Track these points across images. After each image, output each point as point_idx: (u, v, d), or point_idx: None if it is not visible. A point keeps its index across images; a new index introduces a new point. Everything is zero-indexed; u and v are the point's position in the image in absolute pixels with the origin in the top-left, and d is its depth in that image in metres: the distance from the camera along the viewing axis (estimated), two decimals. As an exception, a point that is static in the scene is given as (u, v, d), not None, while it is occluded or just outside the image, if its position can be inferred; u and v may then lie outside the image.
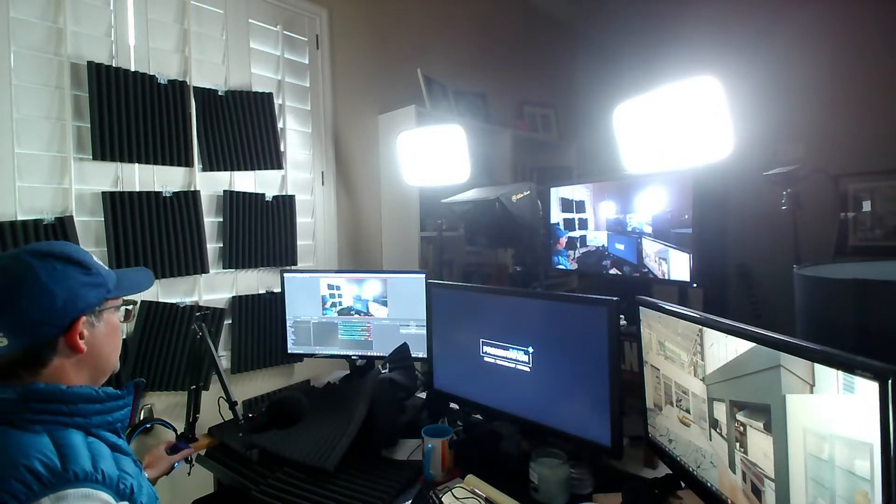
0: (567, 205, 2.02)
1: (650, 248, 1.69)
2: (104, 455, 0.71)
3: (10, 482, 0.60)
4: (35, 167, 1.53)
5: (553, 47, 3.76)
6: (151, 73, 1.75)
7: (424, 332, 1.69)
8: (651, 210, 1.68)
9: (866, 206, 2.95)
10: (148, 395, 1.71)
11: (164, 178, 1.78)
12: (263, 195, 2.06)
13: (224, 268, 1.95)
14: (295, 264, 2.15)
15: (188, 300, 1.84)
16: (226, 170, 1.95)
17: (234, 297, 1.98)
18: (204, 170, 1.89)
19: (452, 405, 1.61)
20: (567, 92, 3.81)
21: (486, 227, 1.76)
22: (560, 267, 2.05)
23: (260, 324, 2.03)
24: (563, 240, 2.02)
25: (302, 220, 2.22)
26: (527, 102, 3.46)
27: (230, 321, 1.97)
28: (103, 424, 0.76)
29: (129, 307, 0.89)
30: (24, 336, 0.72)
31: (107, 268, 0.86)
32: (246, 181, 2.03)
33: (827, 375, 0.64)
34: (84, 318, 0.77)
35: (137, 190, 1.71)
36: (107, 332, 0.82)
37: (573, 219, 2.00)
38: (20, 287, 0.72)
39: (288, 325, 1.90)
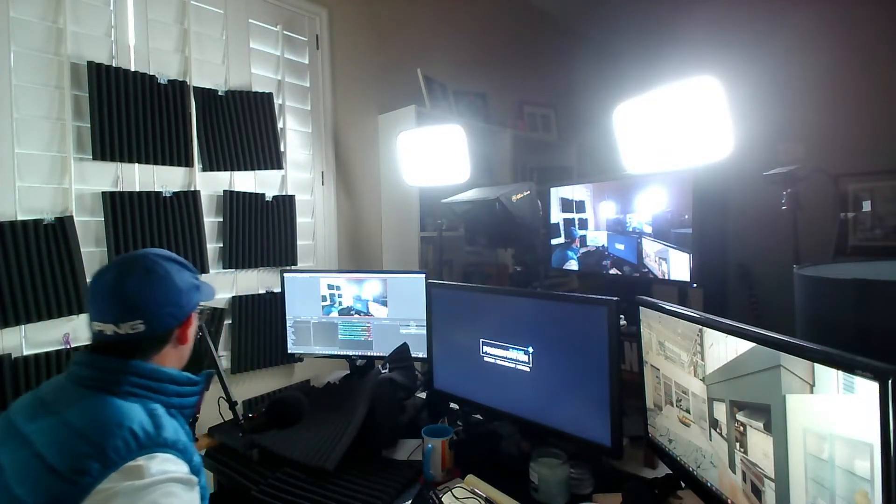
0: (567, 205, 2.02)
1: (650, 248, 1.69)
2: (181, 432, 0.80)
3: (116, 439, 0.69)
4: (35, 167, 1.53)
5: (553, 47, 3.76)
6: (151, 73, 1.75)
7: (424, 332, 1.69)
8: (651, 210, 1.68)
9: (866, 206, 2.94)
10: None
11: (164, 178, 1.78)
12: (263, 195, 2.06)
13: (224, 268, 1.95)
14: (295, 264, 2.15)
15: (188, 300, 1.84)
16: (226, 170, 1.95)
17: (234, 297, 1.98)
18: (204, 170, 1.89)
19: (452, 405, 1.61)
20: (567, 92, 3.81)
21: (486, 227, 1.76)
22: (571, 262, 2.02)
23: (260, 324, 2.03)
24: (578, 240, 2.00)
25: (302, 220, 2.22)
26: (527, 102, 3.46)
27: (230, 321, 1.97)
28: (177, 406, 0.84)
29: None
30: (155, 324, 0.83)
31: None
32: (246, 181, 2.03)
33: (827, 375, 0.64)
34: (194, 314, 0.90)
35: (137, 190, 1.71)
36: (193, 330, 0.93)
37: (573, 219, 2.00)
38: (161, 285, 0.85)
39: (288, 325, 1.90)
